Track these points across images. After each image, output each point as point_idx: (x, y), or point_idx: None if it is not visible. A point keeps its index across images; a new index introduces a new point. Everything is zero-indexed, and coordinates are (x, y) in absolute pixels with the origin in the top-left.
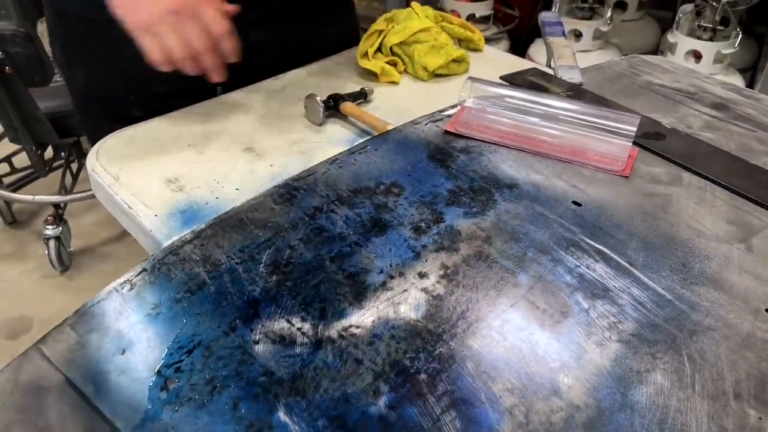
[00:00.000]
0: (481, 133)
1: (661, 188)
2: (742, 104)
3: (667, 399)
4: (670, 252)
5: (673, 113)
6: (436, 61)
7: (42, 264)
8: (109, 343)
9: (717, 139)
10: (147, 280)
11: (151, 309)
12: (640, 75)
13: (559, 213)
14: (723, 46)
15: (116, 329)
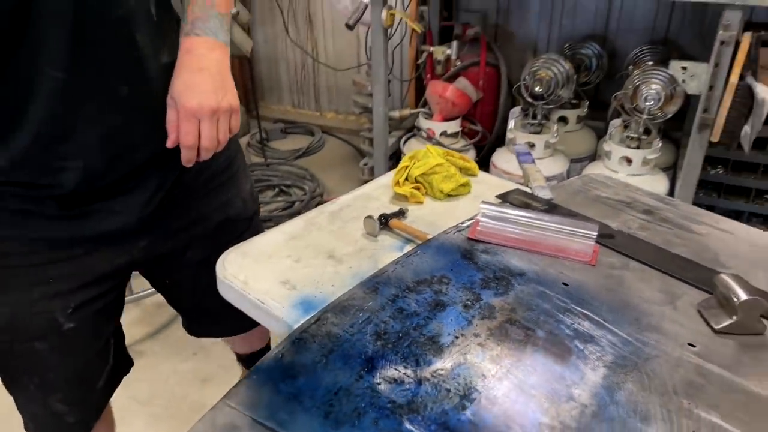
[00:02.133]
0: (494, 238)
1: (616, 272)
2: (663, 209)
3: (636, 397)
4: (627, 313)
5: (617, 218)
6: (449, 186)
7: None
8: (279, 393)
9: (648, 236)
10: (293, 351)
11: (301, 368)
12: (591, 190)
13: (555, 291)
14: (648, 153)
15: (281, 383)
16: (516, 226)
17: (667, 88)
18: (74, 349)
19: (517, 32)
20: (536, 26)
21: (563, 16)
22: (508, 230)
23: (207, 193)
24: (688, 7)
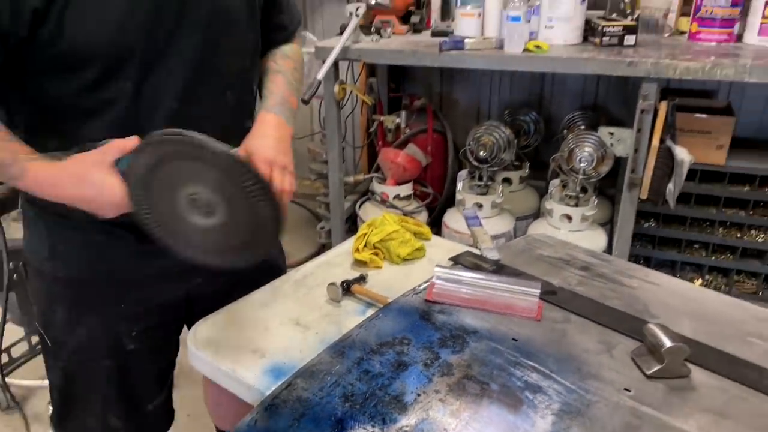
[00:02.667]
0: (448, 299)
1: (559, 325)
2: (598, 265)
3: None
4: (570, 363)
5: (558, 276)
6: (405, 251)
7: None
8: None
9: (586, 291)
10: (266, 416)
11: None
12: (534, 250)
13: (506, 346)
14: (585, 210)
15: None
16: (468, 287)
17: (598, 151)
18: (134, 370)
19: (460, 100)
20: (477, 94)
21: (501, 84)
22: (461, 291)
23: None
24: (613, 78)
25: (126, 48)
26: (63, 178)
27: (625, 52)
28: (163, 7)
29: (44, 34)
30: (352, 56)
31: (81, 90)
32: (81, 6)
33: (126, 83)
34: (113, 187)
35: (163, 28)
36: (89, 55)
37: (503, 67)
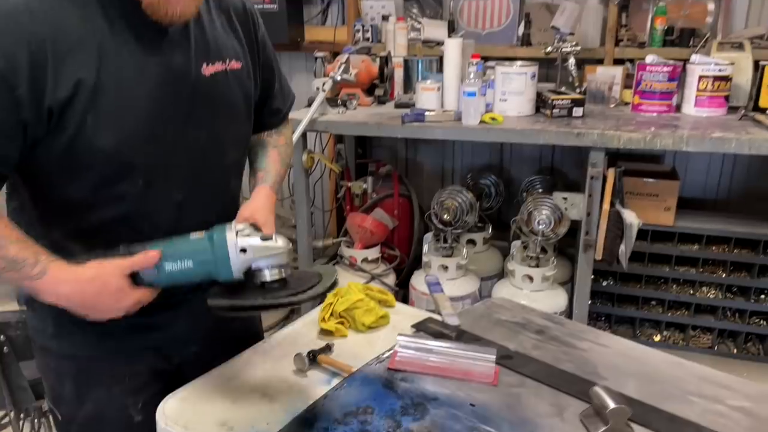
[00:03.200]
0: (410, 367)
1: (514, 389)
2: (552, 329)
3: None
4: (524, 426)
5: (514, 339)
6: (369, 319)
7: None
8: None
9: (540, 354)
10: None
11: None
12: (493, 314)
13: (464, 412)
14: (546, 270)
15: None
16: (429, 354)
17: (555, 214)
18: None
19: (424, 165)
20: (441, 159)
21: (464, 150)
22: (422, 359)
23: None
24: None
25: (140, 152)
26: (81, 282)
27: (574, 123)
28: (175, 110)
29: (61, 136)
30: (320, 128)
31: (93, 187)
32: (100, 112)
33: (137, 180)
34: (128, 297)
35: (174, 129)
36: (103, 159)
37: (461, 137)
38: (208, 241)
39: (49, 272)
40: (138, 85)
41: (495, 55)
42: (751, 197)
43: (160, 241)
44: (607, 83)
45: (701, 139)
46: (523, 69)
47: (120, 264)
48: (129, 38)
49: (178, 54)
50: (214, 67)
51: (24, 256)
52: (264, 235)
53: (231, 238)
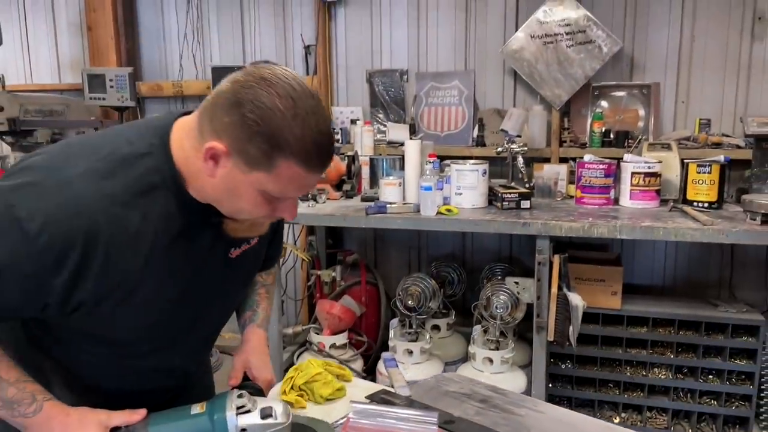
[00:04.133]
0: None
1: None
2: (495, 398)
3: None
4: None
5: (459, 408)
6: (327, 392)
7: None
8: None
9: (481, 420)
10: None
11: None
12: (441, 387)
13: None
14: (504, 353)
15: None
16: (378, 419)
17: (511, 299)
18: None
19: (391, 255)
20: (407, 249)
21: (429, 240)
22: (372, 424)
23: None
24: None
25: (154, 335)
26: (71, 420)
27: (522, 214)
28: (199, 296)
29: (81, 318)
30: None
31: (108, 354)
32: (131, 306)
33: (141, 349)
34: None
35: (192, 312)
36: (113, 339)
37: (420, 227)
38: (208, 421)
39: (43, 410)
40: (174, 280)
41: (452, 154)
42: (693, 284)
43: (159, 415)
44: (553, 179)
45: (632, 228)
46: (476, 166)
47: (105, 415)
48: (185, 239)
49: (216, 246)
50: (240, 250)
51: (21, 397)
52: (264, 411)
53: (231, 419)
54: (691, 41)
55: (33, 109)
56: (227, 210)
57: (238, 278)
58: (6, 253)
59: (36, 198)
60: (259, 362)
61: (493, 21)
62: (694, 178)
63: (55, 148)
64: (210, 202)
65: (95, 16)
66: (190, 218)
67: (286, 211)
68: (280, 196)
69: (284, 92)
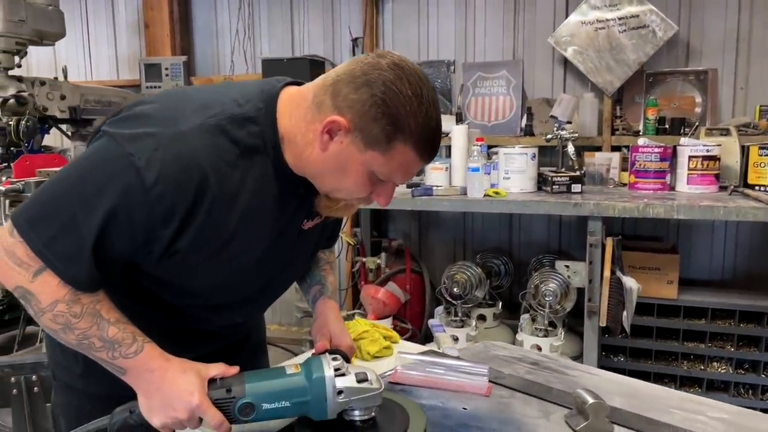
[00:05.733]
0: (409, 381)
1: (504, 400)
2: (547, 362)
3: None
4: (511, 424)
5: (509, 367)
6: (374, 349)
7: None
8: None
9: (532, 377)
10: None
11: None
12: (490, 351)
13: (456, 413)
14: (554, 341)
15: None
16: (427, 370)
17: (561, 287)
18: None
19: (435, 247)
20: (451, 241)
21: (474, 232)
22: (421, 374)
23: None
24: (573, 225)
25: (233, 293)
26: (171, 365)
27: (573, 197)
28: (273, 266)
29: (173, 270)
30: None
31: (178, 304)
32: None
33: (221, 305)
34: (198, 402)
35: (263, 282)
36: (199, 292)
37: (466, 209)
38: (305, 380)
39: (144, 351)
40: (259, 242)
41: (500, 143)
42: (754, 277)
43: (253, 373)
44: (605, 166)
45: (691, 207)
46: (525, 149)
47: (204, 367)
48: (275, 204)
49: (296, 216)
50: (312, 223)
51: (122, 337)
52: (359, 375)
53: (330, 379)
54: (750, 25)
55: (92, 99)
56: (327, 186)
57: (306, 249)
58: (123, 199)
59: (154, 148)
60: (337, 330)
61: (542, 8)
62: (756, 161)
63: (165, 99)
64: (308, 175)
65: (152, 14)
66: (283, 186)
67: (383, 196)
68: (385, 179)
69: (413, 80)
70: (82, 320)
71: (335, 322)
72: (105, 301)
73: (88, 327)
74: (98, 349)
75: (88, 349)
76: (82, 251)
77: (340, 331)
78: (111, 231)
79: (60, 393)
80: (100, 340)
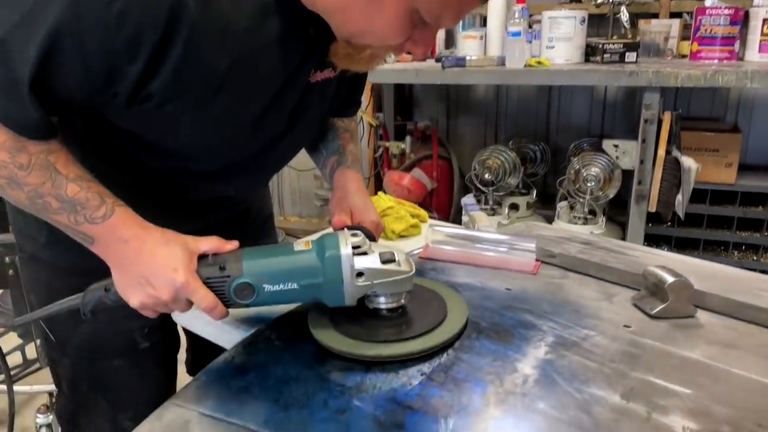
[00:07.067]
0: (442, 256)
1: (556, 280)
2: (600, 242)
3: (576, 366)
4: (567, 306)
5: (559, 246)
6: (400, 227)
7: None
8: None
9: (587, 256)
10: (244, 353)
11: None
12: (533, 231)
13: (499, 294)
14: (594, 228)
15: (231, 380)
16: (464, 244)
17: (606, 170)
18: (147, 369)
19: (465, 133)
20: (483, 128)
21: (507, 116)
22: (456, 249)
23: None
24: (619, 107)
25: (223, 158)
26: (150, 235)
27: (627, 67)
28: (273, 122)
29: (151, 123)
30: None
31: (162, 168)
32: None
33: (210, 173)
34: (186, 277)
35: (266, 142)
36: (184, 154)
37: (505, 81)
38: (317, 259)
39: (116, 215)
40: (255, 97)
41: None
42: None
43: (254, 249)
44: (663, 34)
45: (766, 74)
46: (572, 12)
47: (191, 238)
48: (277, 49)
49: (303, 67)
50: (322, 75)
51: (86, 197)
52: (384, 255)
53: (347, 258)
54: None
55: None
56: (350, 26)
57: (314, 109)
58: (70, 14)
59: None
60: (360, 203)
61: None
62: None
63: None
64: (325, 11)
65: None
66: (287, 24)
67: (421, 44)
68: (430, 21)
69: None
70: (31, 174)
71: (357, 194)
72: (60, 152)
73: (40, 183)
74: (56, 212)
75: (44, 211)
76: (19, 85)
77: (363, 205)
78: (56, 59)
79: (26, 267)
80: (58, 200)
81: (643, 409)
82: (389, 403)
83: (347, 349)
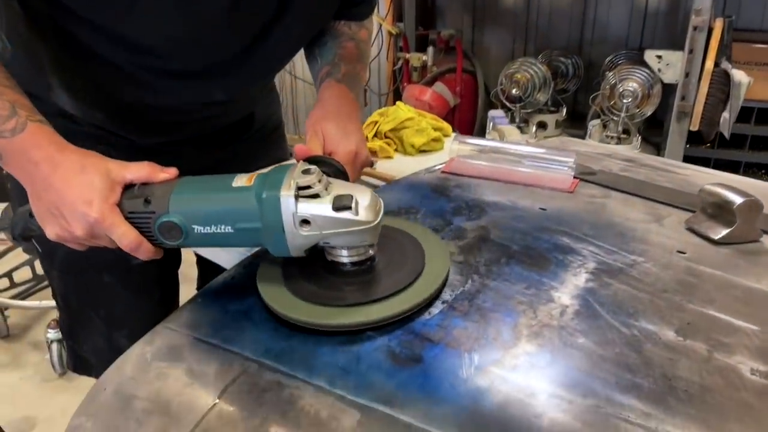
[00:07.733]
0: (468, 171)
1: (597, 200)
2: (644, 159)
3: (622, 296)
4: (610, 229)
5: (598, 163)
6: (420, 140)
7: (40, 370)
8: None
9: (630, 174)
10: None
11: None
12: (569, 146)
13: (532, 215)
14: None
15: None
16: (492, 157)
17: (644, 86)
18: (142, 287)
19: (492, 46)
20: (512, 40)
21: (538, 27)
22: (483, 163)
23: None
24: (661, 17)
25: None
26: (65, 158)
27: None
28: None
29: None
30: None
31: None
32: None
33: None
34: (97, 204)
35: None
36: (146, 46)
37: None
38: (254, 199)
39: (27, 132)
40: None
41: None
42: None
43: (189, 180)
44: None
45: None
46: None
47: (115, 164)
48: None
49: None
50: None
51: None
52: (340, 200)
53: (288, 202)
54: None
55: None
56: None
57: (307, 12)
58: None
59: None
60: (335, 130)
61: None
62: None
63: None
64: None
65: None
66: None
67: None
68: None
69: None
70: None
71: (335, 118)
72: None
73: None
74: None
75: None
76: None
77: (339, 130)
78: None
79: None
80: None
81: (702, 347)
82: (405, 333)
83: (293, 315)
